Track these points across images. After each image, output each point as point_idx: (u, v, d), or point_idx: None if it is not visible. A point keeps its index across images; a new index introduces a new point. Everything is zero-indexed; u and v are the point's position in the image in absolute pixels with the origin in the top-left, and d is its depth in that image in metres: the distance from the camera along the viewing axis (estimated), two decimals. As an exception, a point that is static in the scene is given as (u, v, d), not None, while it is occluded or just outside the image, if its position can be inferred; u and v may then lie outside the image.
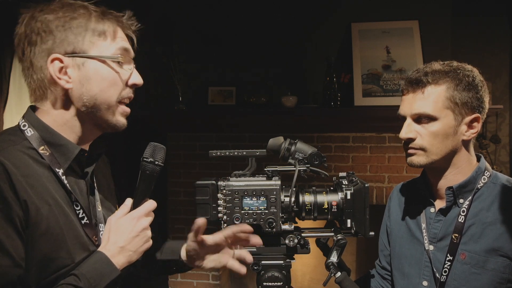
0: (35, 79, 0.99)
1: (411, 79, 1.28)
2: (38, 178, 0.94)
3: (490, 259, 1.20)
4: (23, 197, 0.89)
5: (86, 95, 1.00)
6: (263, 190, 1.12)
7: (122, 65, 1.03)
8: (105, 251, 0.98)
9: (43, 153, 0.97)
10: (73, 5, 1.00)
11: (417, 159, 1.28)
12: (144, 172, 1.04)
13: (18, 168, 0.90)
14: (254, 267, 1.16)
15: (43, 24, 0.97)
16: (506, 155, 3.12)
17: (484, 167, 1.29)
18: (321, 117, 2.98)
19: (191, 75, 3.24)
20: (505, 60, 3.08)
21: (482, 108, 1.25)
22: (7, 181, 0.87)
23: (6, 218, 0.86)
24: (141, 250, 1.03)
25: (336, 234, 1.16)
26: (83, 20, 0.99)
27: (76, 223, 1.00)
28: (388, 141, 2.96)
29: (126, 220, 1.02)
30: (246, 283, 3.52)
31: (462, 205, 1.27)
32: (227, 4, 3.18)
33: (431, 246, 1.31)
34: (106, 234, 1.02)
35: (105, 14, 1.02)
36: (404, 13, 2.96)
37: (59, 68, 0.97)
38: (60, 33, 0.97)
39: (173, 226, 3.27)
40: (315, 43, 3.11)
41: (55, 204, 0.95)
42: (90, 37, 0.99)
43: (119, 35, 1.04)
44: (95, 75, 1.00)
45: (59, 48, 0.97)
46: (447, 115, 1.23)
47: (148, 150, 1.04)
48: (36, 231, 0.91)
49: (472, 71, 1.26)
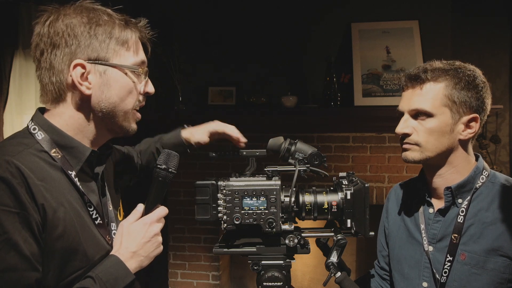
0: (53, 81, 0.99)
1: (411, 75, 1.28)
2: (53, 181, 0.94)
3: (490, 259, 1.20)
4: (41, 201, 0.89)
5: (105, 102, 1.01)
6: (263, 190, 1.12)
7: (139, 75, 1.06)
8: (118, 256, 0.99)
9: (55, 155, 0.98)
10: (97, 11, 1.01)
11: (411, 154, 1.28)
12: (156, 178, 1.06)
13: (34, 172, 0.91)
14: (254, 267, 1.16)
15: (68, 27, 0.97)
16: (506, 155, 3.12)
17: (482, 166, 1.29)
18: (321, 117, 2.98)
19: (191, 75, 3.24)
20: (505, 60, 3.08)
21: (482, 109, 1.25)
22: (24, 185, 0.88)
23: (24, 223, 0.87)
24: (152, 255, 1.05)
25: (336, 234, 1.16)
26: (108, 28, 1.00)
27: (90, 224, 1.01)
28: (388, 141, 2.96)
29: (138, 226, 1.04)
30: (246, 283, 3.52)
31: (461, 205, 1.27)
32: (227, 4, 3.18)
33: (430, 247, 1.31)
34: (118, 238, 1.03)
35: (128, 23, 1.04)
36: (404, 13, 2.96)
37: (81, 73, 0.98)
38: (85, 39, 0.98)
39: (173, 226, 3.27)
40: (315, 43, 3.11)
41: (69, 206, 0.96)
42: (113, 45, 1.00)
43: (139, 46, 1.06)
44: (115, 83, 1.02)
45: (83, 53, 0.98)
46: (444, 113, 1.23)
47: (162, 157, 1.06)
48: (53, 234, 0.91)
49: (474, 71, 1.26)
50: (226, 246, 1.17)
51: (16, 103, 2.62)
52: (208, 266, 3.26)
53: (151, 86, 1.10)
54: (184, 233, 3.28)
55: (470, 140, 1.29)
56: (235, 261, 3.51)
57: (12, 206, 0.86)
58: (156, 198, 1.07)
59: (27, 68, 2.62)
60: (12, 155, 0.90)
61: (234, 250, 1.17)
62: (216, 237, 3.21)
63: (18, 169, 0.88)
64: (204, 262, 3.27)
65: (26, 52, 2.62)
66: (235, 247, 1.17)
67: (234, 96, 3.18)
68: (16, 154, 0.91)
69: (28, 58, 2.62)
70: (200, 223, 3.06)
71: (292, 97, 2.99)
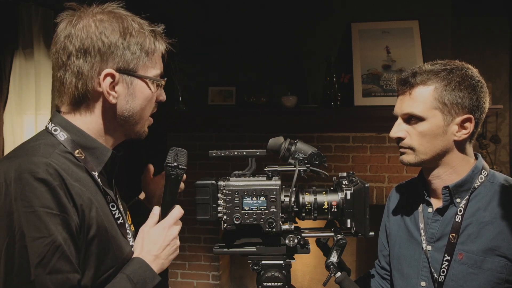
0: (79, 86, 0.98)
1: (401, 79, 1.30)
2: (83, 182, 0.95)
3: (487, 259, 1.20)
4: (79, 202, 0.90)
5: (128, 112, 1.03)
6: (263, 190, 1.12)
7: (160, 86, 1.08)
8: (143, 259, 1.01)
9: (78, 156, 0.98)
10: (128, 19, 1.01)
11: (407, 158, 1.29)
12: (169, 176, 1.07)
13: (68, 173, 0.91)
14: (254, 267, 1.16)
15: (102, 35, 0.97)
16: (506, 155, 3.12)
17: (481, 166, 1.29)
18: (321, 117, 2.98)
19: (191, 75, 3.24)
20: (505, 60, 3.08)
21: (477, 108, 1.24)
22: (63, 187, 0.88)
23: (64, 225, 0.87)
24: (171, 257, 1.07)
25: (336, 234, 1.16)
26: (140, 39, 1.00)
27: (114, 223, 1.02)
28: (388, 141, 2.96)
29: (158, 230, 1.05)
30: (246, 283, 3.52)
31: (459, 205, 1.27)
32: (227, 4, 3.18)
33: (429, 246, 1.31)
34: (139, 242, 1.05)
35: (156, 34, 1.05)
36: (404, 13, 2.96)
37: (110, 83, 0.98)
38: (119, 50, 0.98)
39: (173, 226, 3.26)
40: (315, 43, 3.11)
41: (99, 206, 0.97)
42: (143, 57, 1.01)
43: (161, 57, 1.08)
44: (140, 94, 1.03)
45: (114, 63, 0.98)
46: (435, 116, 1.23)
47: (171, 155, 1.08)
48: (89, 234, 0.92)
49: (468, 70, 1.25)
50: (226, 246, 1.17)
51: (16, 103, 2.62)
52: (208, 266, 3.26)
53: (163, 94, 1.12)
54: (184, 233, 3.28)
55: (468, 140, 1.28)
56: (235, 261, 3.51)
57: (54, 208, 0.86)
58: (171, 197, 1.09)
59: (27, 68, 2.62)
60: (47, 156, 0.90)
61: (234, 250, 1.17)
62: (216, 237, 3.21)
63: (56, 171, 0.88)
64: (204, 262, 3.27)
65: (26, 52, 2.62)
66: (235, 247, 1.17)
67: (234, 96, 3.18)
68: (50, 156, 0.91)
69: (28, 58, 2.62)
70: (200, 223, 3.06)
71: (292, 97, 2.99)
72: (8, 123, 2.61)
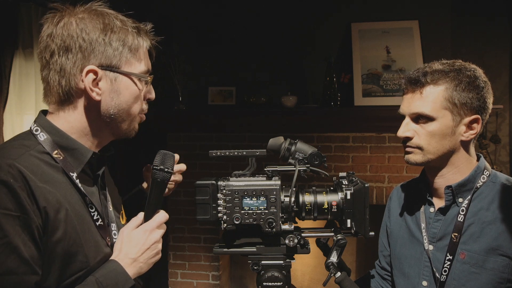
0: (62, 84, 0.98)
1: (411, 78, 1.28)
2: (55, 183, 0.94)
3: (489, 259, 1.20)
4: (43, 204, 0.89)
5: (114, 109, 1.02)
6: (263, 190, 1.12)
7: (146, 83, 1.07)
8: (118, 261, 1.00)
9: (56, 157, 0.98)
10: (110, 16, 1.01)
11: (414, 157, 1.29)
12: (155, 180, 1.05)
13: (36, 174, 0.91)
14: (254, 267, 1.16)
15: (83, 32, 0.97)
16: (506, 155, 3.12)
17: (483, 166, 1.29)
18: (321, 117, 2.98)
19: (191, 75, 3.24)
20: (505, 60, 3.08)
21: (483, 109, 1.25)
22: (25, 188, 0.87)
23: (24, 226, 0.87)
24: (151, 262, 1.05)
25: (336, 234, 1.16)
26: (122, 35, 1.00)
27: (91, 225, 1.01)
28: (388, 141, 2.96)
29: (138, 233, 1.04)
30: (246, 283, 3.52)
31: (461, 204, 1.27)
32: (227, 4, 3.18)
33: (430, 246, 1.31)
34: (118, 245, 1.03)
35: (140, 31, 1.04)
36: (404, 13, 2.96)
37: (93, 79, 0.98)
38: (100, 46, 0.98)
39: (173, 226, 3.27)
40: (315, 43, 3.11)
41: (71, 208, 0.96)
42: (126, 53, 1.01)
43: (147, 53, 1.07)
44: (125, 90, 1.03)
45: (96, 59, 0.98)
46: (445, 116, 1.23)
47: (158, 158, 1.06)
48: (54, 237, 0.91)
49: (475, 71, 1.26)
50: (226, 246, 1.17)
51: (16, 103, 2.62)
52: (208, 266, 3.26)
53: (153, 92, 1.12)
54: (184, 233, 3.28)
55: (472, 141, 1.29)
56: (235, 261, 3.51)
57: (13, 210, 0.85)
58: (156, 201, 1.06)
59: (27, 68, 2.62)
60: (14, 158, 0.90)
61: (234, 250, 1.17)
62: (216, 237, 3.21)
63: (20, 172, 0.88)
64: (204, 262, 3.27)
65: (26, 52, 2.62)
66: (235, 247, 1.17)
67: (234, 96, 3.18)
68: (18, 157, 0.91)
69: (28, 58, 2.62)
70: (200, 223, 3.06)
71: (292, 97, 2.99)
72: (8, 123, 2.61)
